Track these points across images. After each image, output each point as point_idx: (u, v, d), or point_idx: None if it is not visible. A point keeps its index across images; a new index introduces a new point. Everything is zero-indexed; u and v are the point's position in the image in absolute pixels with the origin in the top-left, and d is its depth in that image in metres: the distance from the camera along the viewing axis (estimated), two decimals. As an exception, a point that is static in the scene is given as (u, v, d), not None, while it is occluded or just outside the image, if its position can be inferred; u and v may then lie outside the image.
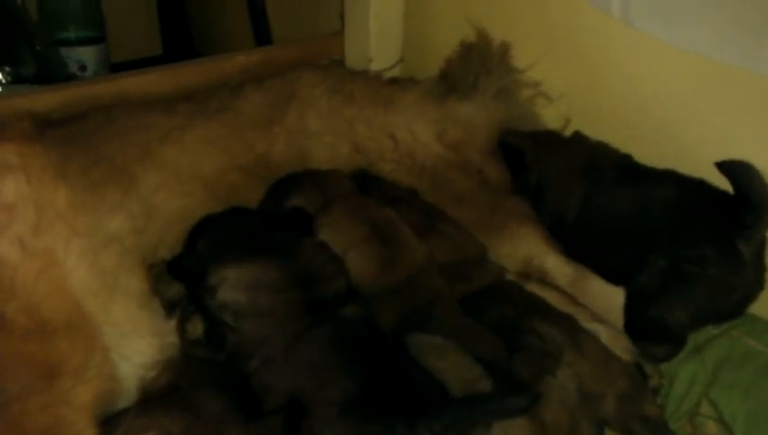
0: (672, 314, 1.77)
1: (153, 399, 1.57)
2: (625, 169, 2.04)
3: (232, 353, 1.64)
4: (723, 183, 1.81)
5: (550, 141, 2.22)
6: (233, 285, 1.65)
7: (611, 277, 1.93)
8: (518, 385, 1.52)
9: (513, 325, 1.67)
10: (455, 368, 1.52)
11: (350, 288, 1.75)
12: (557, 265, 2.00)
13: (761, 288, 1.81)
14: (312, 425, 1.45)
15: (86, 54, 3.61)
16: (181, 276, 1.76)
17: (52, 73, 3.26)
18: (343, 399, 1.47)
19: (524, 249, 2.03)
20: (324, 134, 2.25)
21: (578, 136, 2.20)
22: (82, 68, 3.61)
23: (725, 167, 1.75)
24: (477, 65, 2.44)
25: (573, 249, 2.03)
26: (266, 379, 1.58)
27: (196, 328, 1.72)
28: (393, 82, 2.59)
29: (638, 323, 1.83)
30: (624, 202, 1.96)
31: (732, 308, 1.81)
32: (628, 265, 1.87)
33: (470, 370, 1.50)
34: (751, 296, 1.81)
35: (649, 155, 2.05)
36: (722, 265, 1.75)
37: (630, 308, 1.85)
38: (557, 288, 1.95)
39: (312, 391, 1.50)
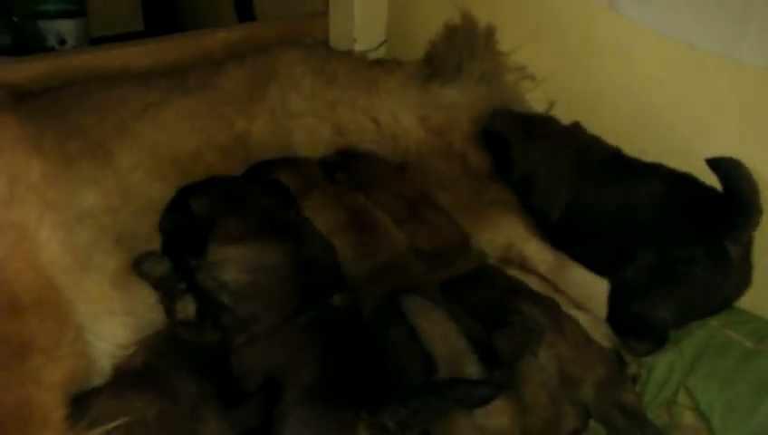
0: (657, 311, 1.76)
1: (127, 380, 1.54)
2: (612, 165, 2.01)
3: (222, 332, 1.62)
4: (701, 167, 1.80)
5: (540, 133, 2.16)
6: (236, 265, 1.64)
7: (594, 270, 1.91)
8: (499, 361, 1.51)
9: (496, 306, 1.66)
10: (443, 336, 1.51)
11: (341, 277, 1.74)
12: (537, 252, 1.99)
13: (747, 287, 1.81)
14: (281, 409, 1.44)
15: (66, 28, 3.54)
16: (174, 237, 1.74)
17: (29, 46, 3.20)
18: (312, 383, 1.46)
19: (505, 235, 2.01)
20: (306, 115, 2.22)
21: (572, 128, 2.15)
22: (62, 42, 3.54)
23: (715, 164, 1.74)
24: (462, 48, 2.42)
25: (557, 243, 2.00)
26: (247, 358, 1.56)
27: (187, 308, 1.70)
28: (377, 63, 2.56)
29: (621, 317, 1.82)
30: (610, 200, 1.94)
31: (716, 307, 1.81)
32: (612, 260, 1.85)
33: (458, 341, 1.49)
34: (737, 296, 1.81)
35: (632, 138, 2.05)
36: (710, 266, 1.74)
37: (615, 301, 1.84)
38: (537, 274, 1.95)
39: (286, 374, 1.49)
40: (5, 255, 1.49)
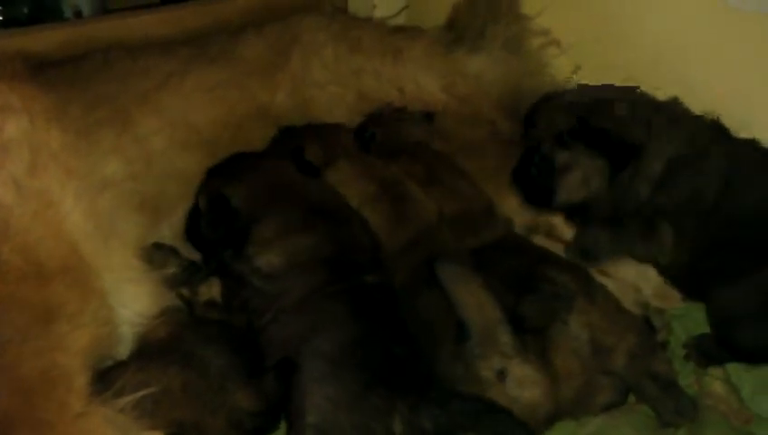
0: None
1: (152, 351, 1.54)
2: (755, 147, 1.76)
3: (251, 313, 1.63)
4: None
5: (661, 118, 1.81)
6: (275, 253, 1.65)
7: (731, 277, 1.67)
8: (528, 330, 1.50)
9: (526, 274, 1.63)
10: (479, 305, 1.49)
11: (379, 260, 1.73)
12: (564, 220, 1.97)
13: None
14: (301, 380, 1.45)
15: (82, -1, 3.50)
16: (214, 237, 1.73)
17: (46, 16, 3.17)
18: (334, 351, 1.47)
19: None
20: (329, 84, 2.20)
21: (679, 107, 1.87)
22: (78, 14, 3.51)
23: None
24: (485, 12, 2.38)
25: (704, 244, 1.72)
26: (273, 332, 1.57)
27: (211, 289, 1.72)
28: (399, 30, 2.52)
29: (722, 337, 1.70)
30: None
31: None
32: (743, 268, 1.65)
33: (493, 311, 1.48)
34: None
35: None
36: None
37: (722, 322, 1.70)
38: (563, 242, 1.94)
39: (306, 339, 1.50)
40: (30, 221, 1.49)
